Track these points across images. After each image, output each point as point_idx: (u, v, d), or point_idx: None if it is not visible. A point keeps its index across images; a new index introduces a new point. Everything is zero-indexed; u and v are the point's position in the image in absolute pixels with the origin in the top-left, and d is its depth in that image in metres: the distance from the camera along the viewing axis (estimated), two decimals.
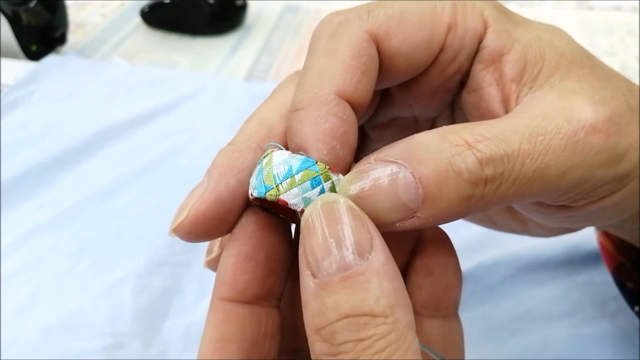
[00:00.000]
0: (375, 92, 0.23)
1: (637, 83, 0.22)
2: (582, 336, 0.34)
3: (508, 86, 0.20)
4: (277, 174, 0.18)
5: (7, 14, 0.60)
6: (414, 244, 0.22)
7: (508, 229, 0.28)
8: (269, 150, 0.19)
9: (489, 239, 0.39)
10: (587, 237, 0.37)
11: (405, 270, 0.22)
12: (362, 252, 0.15)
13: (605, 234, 0.33)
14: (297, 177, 0.18)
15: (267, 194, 0.18)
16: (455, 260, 0.22)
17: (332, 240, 0.16)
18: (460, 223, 0.42)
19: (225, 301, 0.19)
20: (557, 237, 0.37)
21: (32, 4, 0.60)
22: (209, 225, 0.19)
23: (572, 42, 0.21)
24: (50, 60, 0.61)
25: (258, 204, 0.19)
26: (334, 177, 0.18)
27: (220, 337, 0.19)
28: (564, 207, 0.20)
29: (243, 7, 0.70)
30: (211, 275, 0.20)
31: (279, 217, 0.20)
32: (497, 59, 0.20)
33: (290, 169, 0.18)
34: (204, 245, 0.42)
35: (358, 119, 0.19)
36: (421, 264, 0.21)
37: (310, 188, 0.18)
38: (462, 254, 0.41)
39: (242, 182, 0.19)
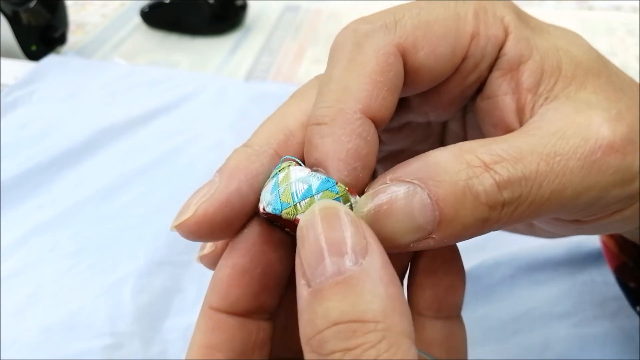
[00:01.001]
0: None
1: (638, 83, 0.21)
2: (582, 336, 0.34)
3: (524, 96, 0.20)
4: (296, 192, 0.17)
5: (7, 14, 0.60)
6: None
7: (513, 230, 0.28)
8: (284, 164, 0.18)
9: (489, 239, 0.39)
10: (588, 237, 0.37)
11: (409, 270, 0.22)
12: (355, 258, 0.15)
13: (607, 234, 0.33)
14: (317, 197, 0.17)
15: (283, 212, 0.17)
16: (458, 261, 0.21)
17: (325, 245, 0.15)
18: None
19: (215, 311, 0.19)
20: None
21: (32, 4, 0.60)
22: (214, 228, 0.18)
23: (588, 50, 0.21)
24: (50, 60, 0.61)
25: (265, 217, 0.19)
26: (352, 200, 0.17)
27: (208, 344, 0.18)
28: (575, 221, 0.20)
29: (243, 7, 0.70)
30: (212, 275, 0.20)
31: (285, 230, 0.19)
32: (514, 68, 0.20)
33: (310, 188, 0.17)
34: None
35: (378, 134, 0.19)
36: (424, 264, 0.21)
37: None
38: (462, 254, 0.41)
39: (254, 189, 0.18)
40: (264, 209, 0.18)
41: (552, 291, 0.36)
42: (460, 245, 0.44)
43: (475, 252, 0.39)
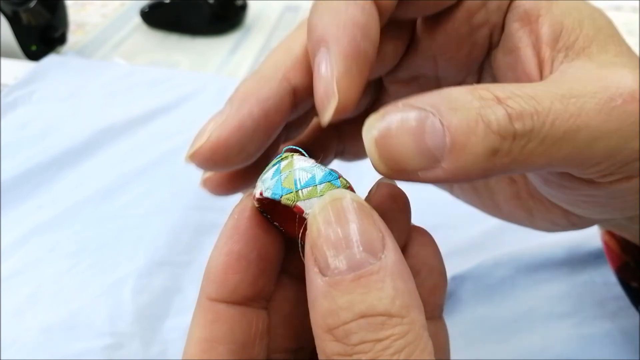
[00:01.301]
0: (399, 41, 0.22)
1: None
2: (582, 336, 0.34)
3: (544, 50, 0.19)
4: (299, 179, 0.17)
5: (7, 14, 0.60)
6: (402, 246, 0.21)
7: (512, 218, 0.27)
8: (287, 154, 0.18)
9: (489, 239, 0.39)
10: (588, 237, 0.37)
11: None
12: (374, 251, 0.15)
13: (609, 233, 0.33)
14: (319, 188, 0.17)
15: (283, 197, 0.17)
16: (441, 262, 0.21)
17: (342, 237, 0.15)
18: (460, 222, 0.42)
19: (215, 301, 0.18)
20: (558, 237, 0.37)
21: (32, 4, 0.60)
22: (229, 153, 0.18)
23: (611, 23, 0.20)
24: (50, 60, 0.61)
25: (258, 206, 0.19)
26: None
27: (209, 337, 0.18)
28: (589, 182, 0.19)
29: (243, 7, 0.70)
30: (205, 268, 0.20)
31: (273, 223, 0.19)
32: (533, 20, 0.20)
33: (313, 177, 0.17)
34: (204, 245, 0.42)
35: (381, 26, 0.18)
36: (408, 265, 0.21)
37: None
38: (462, 254, 0.41)
39: (266, 112, 0.18)
40: (261, 194, 0.17)
41: (552, 291, 0.36)
42: (460, 245, 0.44)
43: (475, 252, 0.39)
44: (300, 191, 0.17)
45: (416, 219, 0.21)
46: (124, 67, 0.63)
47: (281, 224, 0.19)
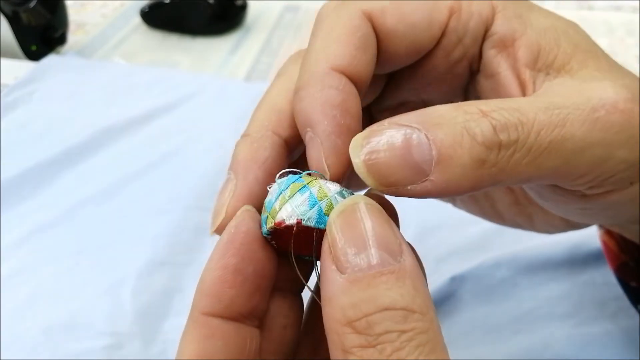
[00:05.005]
0: (381, 75, 0.23)
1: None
2: (583, 336, 0.33)
3: (523, 71, 0.20)
4: (270, 199, 0.18)
5: (7, 14, 0.60)
6: None
7: (514, 224, 0.28)
8: (310, 178, 0.18)
9: (489, 239, 0.39)
10: (588, 237, 0.37)
11: None
12: (393, 254, 0.15)
13: (608, 233, 0.33)
14: (286, 193, 0.18)
15: (266, 224, 0.18)
16: None
17: (363, 237, 0.16)
18: (460, 222, 0.42)
19: (209, 316, 0.18)
20: (558, 237, 0.37)
21: (32, 4, 0.60)
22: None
23: (587, 37, 0.21)
24: (50, 60, 0.61)
25: (271, 231, 0.19)
26: (322, 182, 0.18)
27: (202, 353, 0.18)
28: (581, 196, 0.20)
29: (243, 7, 0.70)
30: (198, 282, 0.19)
31: (271, 243, 0.19)
32: (509, 44, 0.20)
33: (279, 189, 0.18)
34: (204, 245, 0.42)
35: (361, 94, 0.19)
36: None
37: (299, 196, 0.18)
38: (462, 254, 0.41)
39: (268, 173, 0.20)
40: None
41: (553, 291, 0.36)
42: (460, 245, 0.43)
43: (475, 252, 0.39)
44: (273, 208, 0.18)
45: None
46: (124, 67, 0.63)
47: (286, 246, 0.19)
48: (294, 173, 0.19)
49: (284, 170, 0.19)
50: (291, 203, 0.18)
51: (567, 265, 0.37)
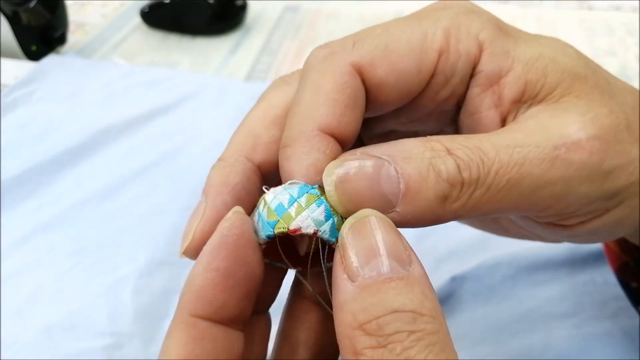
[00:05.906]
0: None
1: (638, 83, 0.21)
2: (583, 336, 0.34)
3: (507, 107, 0.20)
4: (279, 204, 0.18)
5: (7, 14, 0.60)
6: None
7: (520, 236, 0.28)
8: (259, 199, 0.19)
9: (489, 239, 0.39)
10: None
11: None
12: (402, 263, 0.16)
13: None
14: (301, 200, 0.18)
15: (275, 228, 0.18)
16: None
17: (373, 247, 0.16)
18: (460, 223, 0.42)
19: (199, 318, 0.18)
20: None
21: (32, 4, 0.60)
22: None
23: (576, 57, 0.21)
24: (50, 60, 0.61)
25: (263, 245, 0.19)
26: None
27: (191, 354, 0.17)
28: (562, 226, 0.20)
29: (243, 7, 0.70)
30: (186, 282, 0.19)
31: (271, 263, 0.20)
32: (495, 82, 0.21)
33: (292, 197, 0.18)
34: None
35: (346, 148, 0.20)
36: None
37: (316, 207, 0.18)
38: (462, 254, 0.41)
39: (237, 197, 0.20)
40: (260, 240, 0.18)
41: (553, 291, 0.36)
42: (460, 245, 0.43)
43: (475, 252, 0.39)
44: (286, 213, 0.18)
45: None
46: (124, 67, 0.63)
47: (274, 252, 0.20)
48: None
49: (264, 187, 0.19)
50: (309, 212, 0.18)
51: (567, 265, 0.37)
